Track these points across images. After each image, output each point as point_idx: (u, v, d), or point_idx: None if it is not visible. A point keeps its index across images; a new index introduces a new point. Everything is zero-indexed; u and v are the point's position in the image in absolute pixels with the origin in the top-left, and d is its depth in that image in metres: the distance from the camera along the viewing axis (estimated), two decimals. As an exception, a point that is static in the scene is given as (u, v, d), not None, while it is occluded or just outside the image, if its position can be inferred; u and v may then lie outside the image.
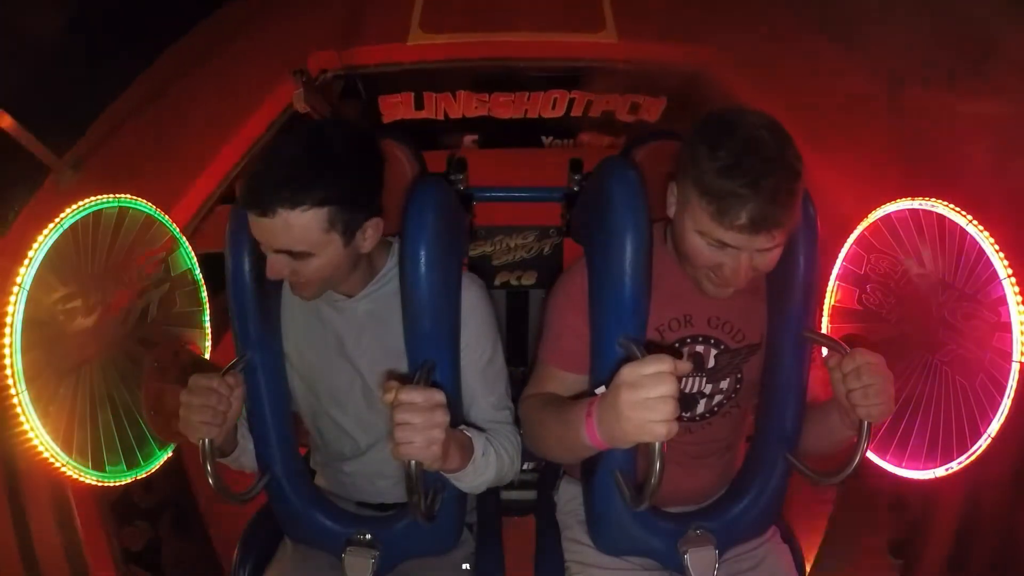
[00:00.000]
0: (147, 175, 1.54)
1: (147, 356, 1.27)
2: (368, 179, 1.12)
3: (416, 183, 1.21)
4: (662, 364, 0.84)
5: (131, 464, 1.23)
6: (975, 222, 1.12)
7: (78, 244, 1.16)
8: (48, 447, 1.08)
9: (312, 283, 1.13)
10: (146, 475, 1.26)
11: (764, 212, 0.98)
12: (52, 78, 1.60)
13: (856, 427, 1.06)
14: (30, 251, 1.07)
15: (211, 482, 1.09)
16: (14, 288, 1.05)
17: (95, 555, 1.48)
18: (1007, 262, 1.07)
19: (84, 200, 1.16)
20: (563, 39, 2.26)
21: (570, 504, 1.41)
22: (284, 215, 1.02)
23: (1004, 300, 1.07)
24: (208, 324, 1.46)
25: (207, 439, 1.07)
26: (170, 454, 1.33)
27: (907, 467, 1.21)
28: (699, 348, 1.22)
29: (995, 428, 1.07)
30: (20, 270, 1.06)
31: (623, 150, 1.43)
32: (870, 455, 1.24)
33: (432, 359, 1.11)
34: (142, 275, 1.30)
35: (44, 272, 1.09)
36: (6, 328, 1.03)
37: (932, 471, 1.16)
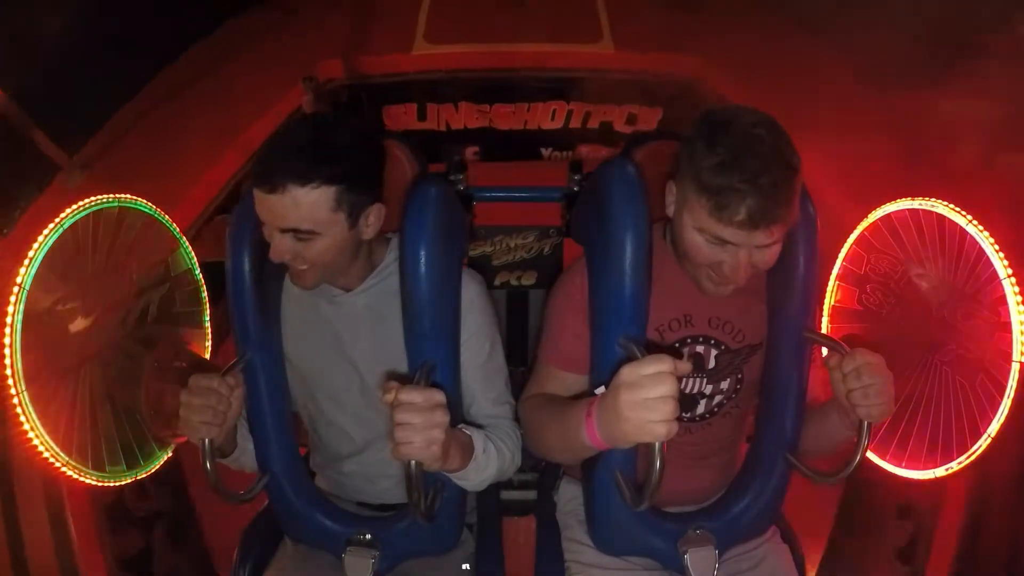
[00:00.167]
0: (153, 177, 1.55)
1: (147, 356, 1.26)
2: (373, 165, 1.15)
3: (416, 182, 1.21)
4: (662, 364, 0.84)
5: (131, 464, 1.23)
6: (975, 222, 1.12)
7: (78, 244, 1.16)
8: (48, 447, 1.08)
9: (314, 268, 1.13)
10: (146, 475, 1.26)
11: (762, 207, 0.98)
12: (66, 78, 1.61)
13: (856, 427, 1.06)
14: (30, 251, 1.07)
15: (211, 482, 1.09)
16: (14, 288, 1.05)
17: (87, 563, 1.48)
18: (1007, 262, 1.08)
19: (84, 200, 1.16)
20: (562, 49, 2.32)
21: (570, 504, 1.41)
22: (293, 192, 1.04)
23: (1004, 300, 1.07)
24: (208, 324, 1.46)
25: (207, 439, 1.07)
26: (170, 454, 1.32)
27: (907, 467, 1.21)
28: (699, 348, 1.22)
29: (995, 428, 1.08)
30: (20, 270, 1.06)
31: (622, 150, 1.43)
32: (870, 455, 1.24)
33: (432, 359, 1.11)
34: (142, 275, 1.30)
35: (44, 272, 1.09)
36: (6, 328, 1.03)
37: (932, 471, 1.16)
